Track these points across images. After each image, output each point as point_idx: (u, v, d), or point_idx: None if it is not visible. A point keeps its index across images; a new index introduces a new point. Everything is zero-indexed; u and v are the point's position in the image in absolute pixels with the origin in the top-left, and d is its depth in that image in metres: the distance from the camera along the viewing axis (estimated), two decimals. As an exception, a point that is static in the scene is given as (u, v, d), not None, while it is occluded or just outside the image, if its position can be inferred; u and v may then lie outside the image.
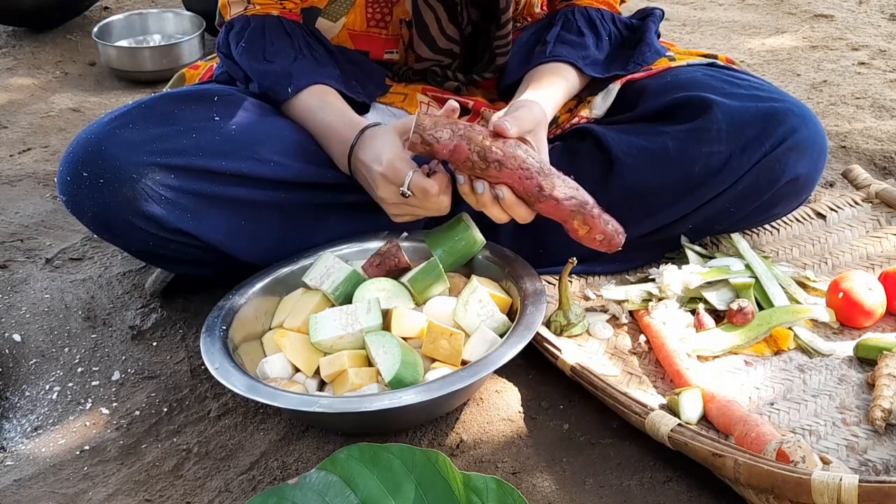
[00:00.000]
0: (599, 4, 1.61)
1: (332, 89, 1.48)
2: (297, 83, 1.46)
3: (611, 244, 1.31)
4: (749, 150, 1.43)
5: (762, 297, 1.45)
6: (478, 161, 1.25)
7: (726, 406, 1.23)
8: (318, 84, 1.47)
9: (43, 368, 1.47)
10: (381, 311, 1.31)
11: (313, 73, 1.48)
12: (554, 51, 1.54)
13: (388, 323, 1.31)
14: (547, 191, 1.27)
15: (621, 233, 1.31)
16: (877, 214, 1.67)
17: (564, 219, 1.29)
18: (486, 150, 1.25)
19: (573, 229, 1.30)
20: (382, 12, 1.55)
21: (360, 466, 0.98)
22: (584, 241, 1.31)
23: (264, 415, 1.35)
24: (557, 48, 1.54)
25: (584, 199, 1.29)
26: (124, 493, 1.23)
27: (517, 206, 1.30)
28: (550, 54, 1.53)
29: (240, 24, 1.52)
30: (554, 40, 1.55)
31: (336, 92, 1.48)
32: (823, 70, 2.45)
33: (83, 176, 1.33)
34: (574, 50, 1.54)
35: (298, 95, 1.46)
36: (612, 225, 1.30)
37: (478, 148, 1.25)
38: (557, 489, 1.20)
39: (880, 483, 1.01)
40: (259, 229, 1.42)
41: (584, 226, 1.29)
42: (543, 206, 1.28)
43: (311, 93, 1.46)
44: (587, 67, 1.54)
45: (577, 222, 1.28)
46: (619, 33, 1.62)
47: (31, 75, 2.61)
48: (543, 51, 1.55)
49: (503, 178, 1.27)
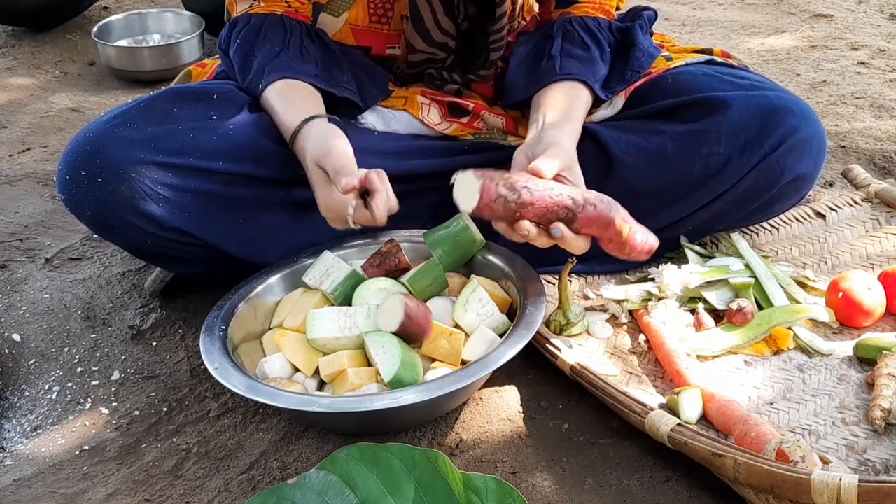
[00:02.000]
0: (596, 12, 1.58)
1: (298, 83, 1.45)
2: (268, 78, 1.45)
3: (648, 239, 1.26)
4: (748, 152, 1.43)
5: (762, 296, 1.45)
6: (509, 194, 1.21)
7: (726, 406, 1.23)
8: (287, 78, 1.45)
9: (42, 368, 1.47)
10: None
11: (288, 68, 1.46)
12: (564, 67, 1.49)
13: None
14: (580, 200, 1.23)
15: (652, 234, 1.27)
16: (876, 214, 1.67)
17: (608, 223, 1.23)
18: (512, 181, 1.22)
19: (616, 233, 1.23)
20: (384, 7, 1.55)
21: (359, 466, 0.98)
22: (628, 243, 1.25)
23: (264, 415, 1.35)
24: (567, 64, 1.50)
25: (611, 199, 1.25)
26: (124, 492, 1.23)
27: (574, 239, 1.25)
28: (561, 71, 1.49)
29: (242, 22, 1.52)
30: (560, 54, 1.51)
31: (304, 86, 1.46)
32: (823, 70, 2.45)
33: (82, 175, 1.33)
34: (583, 66, 1.50)
35: (268, 89, 1.45)
36: (642, 226, 1.27)
37: (503, 182, 1.21)
38: (557, 489, 1.20)
39: (880, 483, 1.01)
40: (258, 228, 1.42)
41: (625, 223, 1.23)
42: (583, 219, 1.23)
43: (274, 88, 1.45)
44: (596, 85, 1.50)
45: (619, 220, 1.23)
46: (616, 40, 1.60)
47: (30, 75, 2.61)
48: (552, 66, 1.50)
49: (535, 203, 1.21)
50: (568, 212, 1.23)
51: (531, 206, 1.22)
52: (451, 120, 1.58)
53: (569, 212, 1.23)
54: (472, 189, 1.21)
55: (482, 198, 1.21)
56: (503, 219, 1.24)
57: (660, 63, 1.59)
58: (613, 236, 1.24)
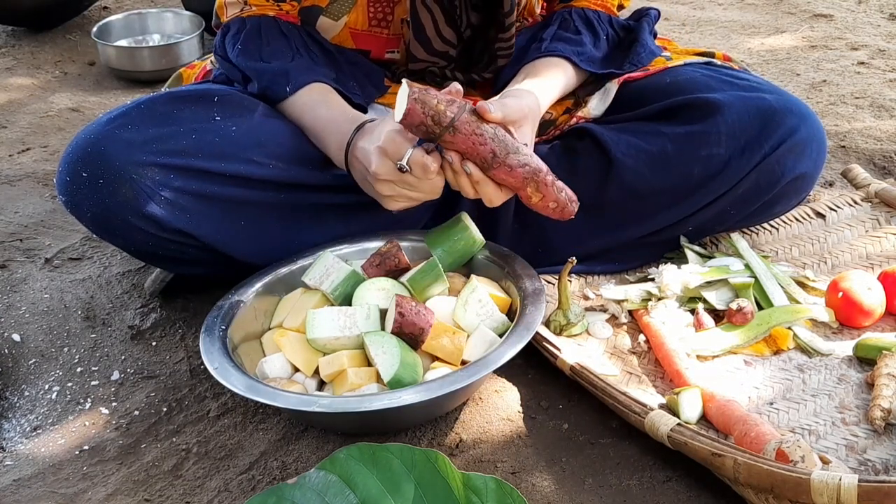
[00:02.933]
0: (597, 6, 1.61)
1: (331, 87, 1.48)
2: (296, 81, 1.46)
3: (563, 212, 1.31)
4: (748, 153, 1.43)
5: (761, 296, 1.45)
6: (431, 125, 1.24)
7: (726, 406, 1.23)
8: (317, 82, 1.47)
9: (42, 368, 1.47)
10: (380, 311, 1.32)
11: (310, 71, 1.48)
12: (550, 46, 1.53)
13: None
14: (500, 157, 1.26)
15: (574, 201, 1.32)
16: (876, 214, 1.67)
17: (518, 186, 1.29)
18: (440, 113, 1.24)
19: (526, 197, 1.30)
20: (384, 11, 1.55)
21: (359, 466, 0.98)
22: (538, 208, 1.31)
23: (264, 414, 1.35)
24: (553, 44, 1.54)
25: (537, 166, 1.29)
26: (124, 492, 1.23)
27: (485, 182, 1.29)
28: (546, 49, 1.53)
29: (236, 27, 1.52)
30: (550, 37, 1.55)
31: (335, 90, 1.48)
32: (823, 70, 2.45)
33: (82, 176, 1.33)
34: (570, 46, 1.54)
35: (299, 92, 1.46)
36: (565, 193, 1.31)
37: (432, 112, 1.24)
38: (557, 489, 1.20)
39: (880, 483, 1.01)
40: (258, 230, 1.42)
41: (538, 193, 1.29)
42: (497, 173, 1.28)
43: (311, 89, 1.46)
44: (583, 63, 1.54)
45: (531, 189, 1.28)
46: (616, 35, 1.62)
47: (30, 75, 2.61)
48: (539, 47, 1.54)
49: (457, 143, 1.26)
50: (484, 162, 1.27)
51: (451, 144, 1.26)
52: (451, 119, 1.59)
53: (484, 163, 1.27)
54: (402, 105, 1.24)
55: (406, 117, 1.24)
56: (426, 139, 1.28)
57: (659, 62, 1.60)
58: (523, 198, 1.30)
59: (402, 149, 1.28)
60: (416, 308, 1.28)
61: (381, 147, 1.30)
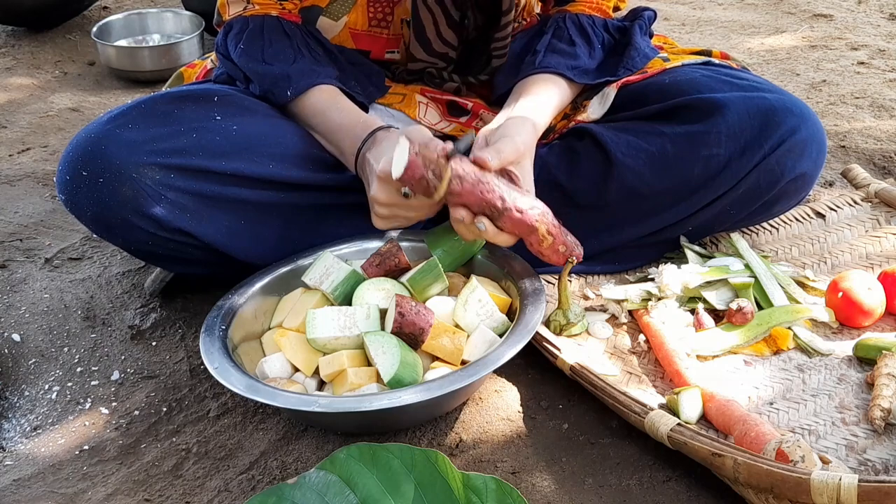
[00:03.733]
0: (592, 11, 1.59)
1: (338, 89, 1.48)
2: (297, 85, 1.46)
3: (572, 253, 1.33)
4: (748, 153, 1.43)
5: (761, 296, 1.45)
6: (433, 178, 1.24)
7: (725, 405, 1.23)
8: (322, 84, 1.47)
9: (42, 368, 1.47)
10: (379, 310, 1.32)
11: (313, 73, 1.48)
12: (543, 61, 1.52)
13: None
14: (509, 202, 1.27)
15: (579, 245, 1.34)
16: (876, 214, 1.67)
17: (529, 231, 1.29)
18: (442, 168, 1.25)
19: (537, 241, 1.30)
20: (384, 12, 1.55)
21: (359, 466, 0.98)
22: (547, 254, 1.32)
23: (263, 414, 1.35)
24: (547, 58, 1.52)
25: (545, 207, 1.30)
26: (124, 492, 1.23)
27: (496, 234, 1.30)
28: (540, 65, 1.51)
29: (238, 26, 1.52)
30: (544, 50, 1.53)
31: (343, 92, 1.48)
32: (823, 70, 2.45)
33: (83, 175, 1.33)
34: (564, 59, 1.52)
35: (308, 94, 1.46)
36: (570, 237, 1.33)
37: (433, 166, 1.24)
38: (557, 489, 1.20)
39: (879, 483, 1.01)
40: (259, 229, 1.42)
41: (549, 236, 1.30)
42: (507, 219, 1.27)
43: (321, 91, 1.46)
44: (577, 76, 1.52)
45: (543, 230, 1.29)
46: (612, 38, 1.60)
47: (30, 75, 2.61)
48: (533, 61, 1.53)
49: (464, 194, 1.26)
50: (494, 210, 1.27)
51: (458, 196, 1.26)
52: (451, 119, 1.59)
53: (495, 210, 1.27)
54: (402, 160, 1.25)
55: (406, 172, 1.24)
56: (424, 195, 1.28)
57: (656, 63, 1.59)
58: (534, 242, 1.31)
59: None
60: (416, 308, 1.28)
61: (382, 173, 1.31)
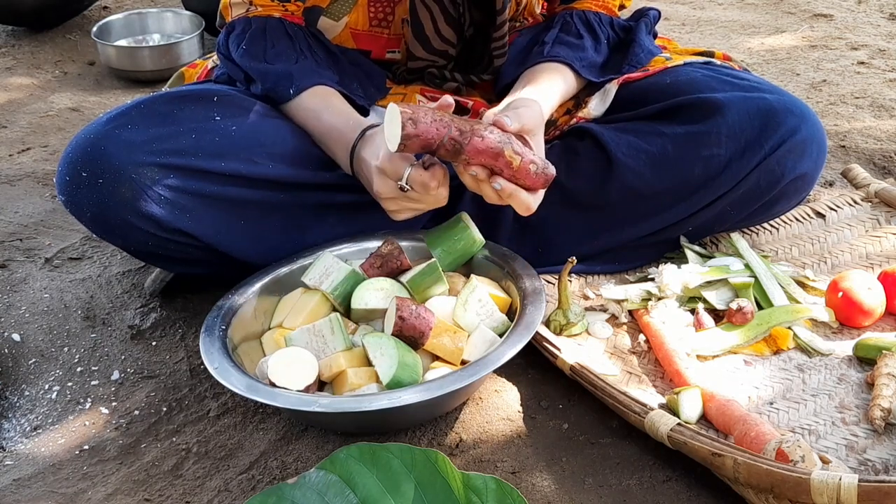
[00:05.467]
0: (598, 8, 1.61)
1: (334, 91, 1.48)
2: (299, 84, 1.46)
3: (546, 172, 1.30)
4: (748, 153, 1.43)
5: (761, 296, 1.45)
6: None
7: (725, 405, 1.23)
8: (320, 85, 1.47)
9: (42, 368, 1.47)
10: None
11: (314, 73, 1.48)
12: (552, 51, 1.53)
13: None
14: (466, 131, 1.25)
15: (550, 164, 1.31)
16: (876, 214, 1.67)
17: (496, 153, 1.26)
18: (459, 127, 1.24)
19: (507, 162, 1.27)
20: (385, 11, 1.55)
21: (359, 466, 0.98)
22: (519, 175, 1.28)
23: (263, 414, 1.35)
24: (555, 49, 1.54)
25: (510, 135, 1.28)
26: (123, 492, 1.23)
27: (517, 192, 1.28)
28: (548, 54, 1.53)
29: (241, 27, 1.52)
30: (552, 41, 1.55)
31: (338, 93, 1.48)
32: (823, 69, 2.45)
33: (82, 176, 1.33)
34: (572, 51, 1.54)
35: (301, 96, 1.46)
36: (539, 156, 1.31)
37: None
38: (557, 488, 1.20)
39: (879, 483, 1.01)
40: (258, 229, 1.42)
41: (517, 155, 1.27)
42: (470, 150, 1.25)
43: (314, 93, 1.46)
44: (584, 70, 1.53)
45: (508, 152, 1.26)
46: (617, 36, 1.62)
47: (30, 75, 2.61)
48: (541, 51, 1.54)
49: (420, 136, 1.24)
50: (454, 143, 1.25)
51: (416, 138, 1.24)
52: (451, 119, 1.59)
53: (455, 143, 1.25)
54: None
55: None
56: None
57: (658, 62, 1.59)
58: (504, 167, 1.27)
59: (399, 168, 1.30)
60: (416, 311, 1.27)
61: (379, 167, 1.31)
